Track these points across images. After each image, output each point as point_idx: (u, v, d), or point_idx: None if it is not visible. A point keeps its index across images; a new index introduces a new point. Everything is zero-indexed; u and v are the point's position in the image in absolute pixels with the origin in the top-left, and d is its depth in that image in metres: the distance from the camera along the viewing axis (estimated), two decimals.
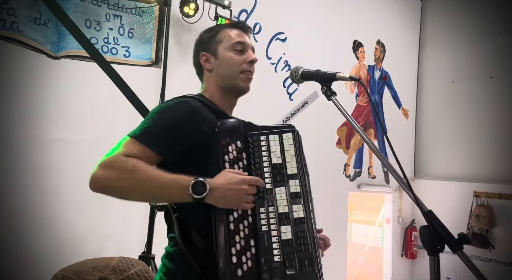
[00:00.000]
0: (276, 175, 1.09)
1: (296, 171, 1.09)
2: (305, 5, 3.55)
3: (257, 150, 1.11)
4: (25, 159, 2.17)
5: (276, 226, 1.03)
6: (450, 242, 0.75)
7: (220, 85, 1.26)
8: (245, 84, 1.25)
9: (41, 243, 2.16)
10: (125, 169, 1.01)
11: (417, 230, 4.31)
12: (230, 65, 1.24)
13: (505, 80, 4.06)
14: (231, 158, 1.07)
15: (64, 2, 2.32)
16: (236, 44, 1.25)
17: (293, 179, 1.09)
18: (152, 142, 1.07)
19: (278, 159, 1.10)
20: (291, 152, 1.11)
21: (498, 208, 3.87)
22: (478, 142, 4.16)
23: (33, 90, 2.21)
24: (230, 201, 1.02)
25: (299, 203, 1.06)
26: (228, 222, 1.01)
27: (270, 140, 1.12)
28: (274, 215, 1.05)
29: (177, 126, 1.09)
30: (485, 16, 4.23)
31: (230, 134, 1.09)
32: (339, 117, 3.84)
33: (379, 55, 4.28)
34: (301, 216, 1.05)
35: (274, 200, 1.06)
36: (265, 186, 1.07)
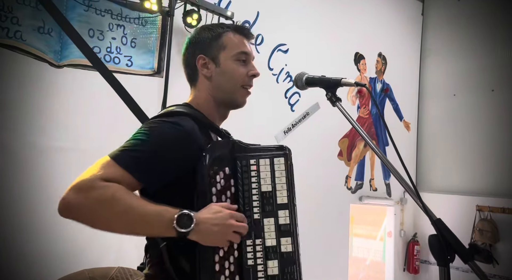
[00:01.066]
0: (265, 204, 1.01)
1: (287, 200, 1.02)
2: (307, 17, 3.57)
3: (246, 176, 1.02)
4: (26, 167, 2.16)
5: (262, 260, 0.97)
6: (461, 251, 0.72)
7: (216, 97, 1.15)
8: (243, 99, 1.18)
9: (40, 252, 2.13)
10: (103, 196, 0.88)
11: (420, 244, 4.26)
12: (232, 77, 1.14)
13: (507, 93, 4.06)
14: (218, 188, 0.98)
15: (68, 12, 2.33)
16: (241, 54, 1.15)
17: (282, 209, 1.01)
18: (135, 168, 0.93)
19: (268, 186, 1.02)
20: (282, 179, 1.03)
21: (501, 222, 3.82)
22: (480, 155, 4.14)
23: (35, 99, 2.21)
24: (215, 237, 0.92)
25: (287, 235, 1.00)
26: (213, 263, 0.93)
27: (261, 164, 1.03)
28: (261, 248, 0.98)
29: (165, 152, 0.97)
30: (486, 29, 4.25)
31: (218, 161, 1.00)
32: (340, 128, 3.83)
33: (381, 68, 4.29)
34: (289, 250, 0.99)
35: (262, 231, 0.99)
36: (253, 216, 1.00)
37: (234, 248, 0.97)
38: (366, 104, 4.09)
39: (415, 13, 4.72)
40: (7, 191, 2.09)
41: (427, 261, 4.26)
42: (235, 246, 0.97)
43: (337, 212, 3.69)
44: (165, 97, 2.47)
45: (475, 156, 4.17)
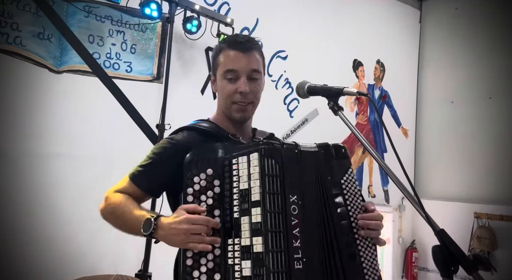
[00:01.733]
0: (242, 202, 0.99)
1: (259, 197, 0.97)
2: (306, 24, 3.59)
3: (227, 175, 1.03)
4: (24, 173, 2.15)
5: (239, 260, 0.96)
6: (464, 263, 0.72)
7: (223, 112, 1.26)
8: (239, 115, 1.22)
9: (38, 259, 2.12)
10: (110, 204, 1.14)
11: (418, 251, 4.25)
12: (223, 95, 1.22)
13: (504, 101, 4.08)
14: (196, 189, 1.01)
15: (68, 18, 2.34)
16: (227, 73, 1.19)
17: (255, 207, 0.97)
18: (139, 179, 1.16)
19: (245, 184, 1.00)
20: (255, 176, 0.99)
21: (499, 229, 3.82)
22: (478, 162, 4.14)
23: (34, 104, 2.21)
24: (174, 240, 0.99)
25: (258, 235, 0.95)
26: (185, 257, 0.97)
27: (240, 162, 1.02)
28: (238, 247, 0.97)
29: (159, 163, 1.16)
30: (483, 38, 4.28)
31: (198, 163, 1.03)
32: (339, 135, 3.83)
33: (379, 75, 4.31)
34: (258, 250, 0.94)
35: (240, 230, 0.98)
36: (233, 215, 1.00)
37: (214, 246, 0.98)
38: (364, 110, 4.10)
39: (413, 21, 4.75)
40: (3, 197, 2.08)
41: (426, 268, 4.25)
42: (216, 244, 0.99)
43: None
44: (165, 103, 2.47)
45: (473, 163, 4.18)
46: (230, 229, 1.00)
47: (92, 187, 2.34)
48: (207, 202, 1.01)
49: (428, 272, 4.23)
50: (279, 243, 0.95)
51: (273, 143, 1.04)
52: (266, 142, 1.03)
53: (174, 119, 2.48)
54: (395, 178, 0.92)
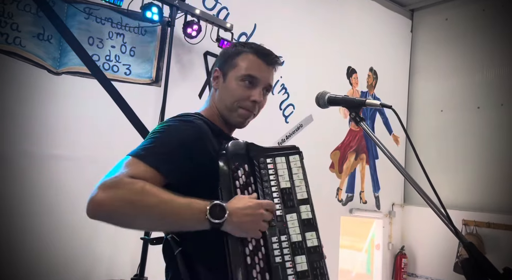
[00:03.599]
0: (286, 200, 1.01)
1: (306, 195, 1.03)
2: (303, 31, 3.63)
3: (264, 173, 1.03)
4: (21, 175, 2.12)
5: (290, 257, 0.95)
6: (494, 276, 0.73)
7: (218, 109, 1.17)
8: (239, 120, 1.15)
9: (33, 263, 2.09)
10: (133, 191, 0.88)
11: (407, 256, 4.31)
12: (231, 95, 1.14)
13: (492, 111, 4.18)
14: (241, 183, 0.99)
15: (68, 19, 2.32)
16: (247, 77, 1.13)
17: (303, 204, 1.02)
18: (157, 161, 0.95)
19: (287, 182, 1.03)
20: (299, 176, 1.05)
21: (486, 236, 3.90)
22: (466, 170, 4.23)
23: (32, 105, 2.18)
24: (248, 227, 0.92)
25: (312, 230, 1.00)
26: (245, 255, 0.92)
27: (277, 162, 1.05)
28: (287, 244, 0.96)
29: (184, 147, 0.99)
30: (473, 48, 4.38)
31: (237, 158, 1.01)
32: (332, 141, 3.88)
33: (372, 82, 4.37)
34: (315, 244, 0.98)
35: (286, 227, 0.98)
36: (276, 212, 0.99)
37: (261, 244, 0.95)
38: None
39: (405, 30, 4.84)
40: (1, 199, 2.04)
41: (414, 274, 4.31)
42: (261, 243, 0.95)
43: (328, 224, 3.71)
44: (164, 106, 2.47)
45: (461, 171, 4.26)
46: (273, 227, 0.98)
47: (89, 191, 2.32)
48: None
49: (416, 278, 4.29)
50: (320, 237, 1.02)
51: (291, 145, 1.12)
52: (296, 146, 1.10)
53: None
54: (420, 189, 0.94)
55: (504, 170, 3.96)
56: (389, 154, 0.95)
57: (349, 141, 4.05)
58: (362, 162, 4.20)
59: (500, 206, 3.93)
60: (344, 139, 4.00)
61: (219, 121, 1.17)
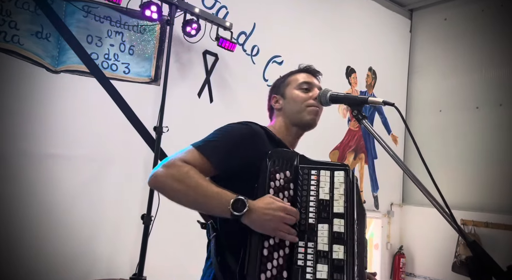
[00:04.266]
0: (321, 211, 1.05)
1: (343, 210, 1.04)
2: (302, 31, 3.62)
3: (305, 183, 1.08)
4: (19, 174, 2.11)
5: (312, 263, 0.99)
6: (498, 274, 0.73)
7: (287, 122, 1.33)
8: (311, 117, 1.31)
9: (31, 262, 2.08)
10: (180, 171, 1.07)
11: (405, 256, 4.31)
12: (296, 101, 1.32)
13: (491, 111, 4.18)
14: (277, 185, 1.06)
15: (67, 17, 2.31)
16: (302, 84, 1.35)
17: (338, 218, 1.04)
18: (210, 152, 1.13)
19: (326, 195, 1.06)
20: (340, 190, 1.07)
21: (484, 236, 3.90)
22: (465, 170, 4.23)
23: (31, 104, 2.17)
24: (265, 226, 1.01)
25: (341, 243, 1.01)
26: (262, 247, 0.98)
27: (321, 174, 1.09)
28: (312, 251, 1.00)
29: (236, 143, 1.15)
30: (471, 48, 4.38)
31: (280, 162, 1.09)
32: (331, 140, 3.88)
33: (371, 82, 4.37)
34: (340, 257, 0.99)
35: (315, 236, 1.02)
36: (308, 220, 1.04)
37: (285, 244, 1.01)
38: None
39: (404, 30, 4.84)
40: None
41: (412, 273, 4.31)
42: (287, 243, 1.01)
43: None
44: (163, 105, 2.46)
45: (459, 171, 4.26)
46: (303, 233, 1.02)
47: (87, 189, 2.32)
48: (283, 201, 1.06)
49: (415, 277, 4.29)
50: (354, 255, 1.02)
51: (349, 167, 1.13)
52: (346, 165, 1.13)
53: (170, 122, 2.47)
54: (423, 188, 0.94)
55: (503, 170, 3.97)
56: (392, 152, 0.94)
57: (348, 140, 4.04)
58: (361, 161, 4.20)
59: (498, 205, 3.93)
60: (343, 139, 4.00)
61: (285, 133, 1.33)
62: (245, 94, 3.14)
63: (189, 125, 2.75)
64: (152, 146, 2.46)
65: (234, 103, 3.08)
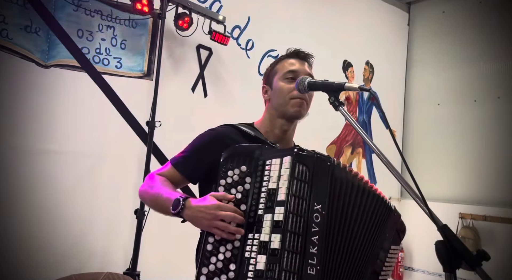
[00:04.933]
0: (268, 201, 1.05)
1: (284, 197, 1.02)
2: (297, 24, 3.59)
3: (258, 174, 1.09)
4: (10, 170, 2.09)
5: (255, 254, 1.01)
6: (468, 258, 0.72)
7: (273, 114, 1.33)
8: (295, 109, 1.29)
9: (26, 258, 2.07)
10: (149, 183, 1.23)
11: (404, 251, 4.30)
12: (280, 93, 1.30)
13: (489, 104, 4.15)
14: (228, 182, 1.09)
15: (57, 11, 2.29)
16: (287, 73, 1.31)
17: (279, 206, 1.02)
18: (180, 165, 1.26)
19: (274, 184, 1.06)
20: (284, 177, 1.05)
21: (483, 230, 3.89)
22: (463, 163, 4.21)
23: (21, 99, 2.15)
24: (200, 222, 1.07)
25: (278, 232, 0.99)
26: (207, 242, 1.05)
27: (273, 164, 1.09)
28: (257, 242, 1.02)
29: (200, 151, 1.26)
30: (470, 42, 4.35)
31: (236, 159, 1.11)
32: (328, 135, 3.86)
33: (368, 76, 4.34)
34: (275, 247, 0.98)
35: (261, 227, 1.03)
36: (258, 212, 1.05)
37: (235, 238, 1.04)
38: (353, 111, 4.12)
39: (402, 24, 4.81)
40: None
41: (411, 267, 4.30)
42: (237, 236, 1.04)
43: None
44: (155, 100, 2.44)
45: (458, 164, 4.24)
46: (252, 225, 1.05)
47: (80, 185, 2.30)
48: (236, 196, 1.09)
49: (413, 271, 4.28)
50: (295, 244, 0.99)
51: (307, 150, 1.09)
52: (301, 148, 1.09)
53: (164, 116, 2.46)
54: (395, 171, 0.93)
55: (501, 163, 3.94)
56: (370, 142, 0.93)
57: (345, 135, 4.02)
58: (359, 156, 4.18)
59: (496, 199, 3.91)
60: (340, 133, 3.97)
61: (270, 125, 1.33)
62: (240, 88, 3.12)
63: (183, 120, 2.74)
64: (145, 141, 2.44)
65: (229, 98, 3.06)
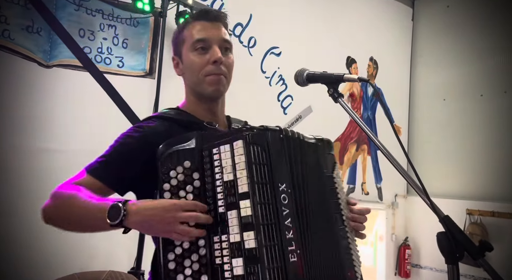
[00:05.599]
0: (228, 195, 0.89)
1: (247, 188, 0.88)
2: (300, 21, 3.57)
3: (208, 167, 0.93)
4: (12, 169, 2.10)
5: (228, 259, 0.86)
6: (470, 249, 0.70)
7: (193, 93, 1.14)
8: (213, 88, 1.09)
9: (28, 257, 2.07)
10: (63, 196, 0.95)
11: (411, 248, 4.26)
12: (192, 69, 1.09)
13: (495, 98, 4.11)
14: (173, 184, 0.91)
15: (58, 11, 2.29)
16: (196, 43, 1.08)
17: (243, 199, 0.88)
18: (100, 171, 1.01)
19: (230, 175, 0.90)
20: (241, 165, 0.89)
21: (491, 226, 3.84)
22: (470, 159, 4.17)
23: (23, 99, 2.16)
24: (154, 228, 0.87)
25: (250, 229, 0.86)
26: (167, 260, 0.87)
27: (222, 152, 0.92)
28: (226, 244, 0.87)
29: (125, 154, 1.02)
30: (475, 36, 4.30)
31: (173, 156, 0.93)
32: (332, 132, 3.83)
33: (372, 72, 4.31)
34: (251, 246, 0.85)
35: (227, 226, 0.88)
36: (218, 210, 0.90)
37: (198, 245, 0.89)
38: (357, 108, 4.10)
39: (406, 19, 4.76)
40: None
41: (418, 265, 4.26)
42: (200, 243, 0.89)
43: None
44: (157, 99, 2.44)
45: (465, 160, 4.20)
46: (215, 225, 0.89)
47: None
48: (187, 198, 0.91)
49: (421, 268, 4.24)
50: (272, 236, 0.87)
51: (256, 128, 0.96)
52: (250, 128, 0.95)
53: None
54: (397, 163, 0.91)
55: (508, 158, 3.89)
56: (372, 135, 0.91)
57: (349, 132, 3.99)
58: (364, 153, 4.15)
59: (504, 194, 3.87)
60: (345, 130, 3.95)
61: (195, 106, 1.13)
62: (242, 86, 3.09)
63: None
64: None
65: (231, 96, 3.03)
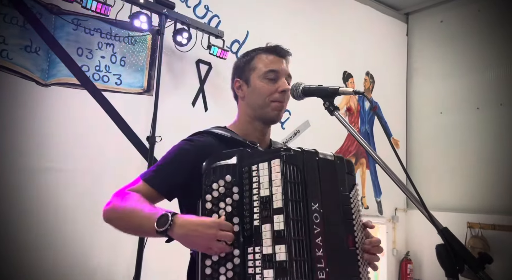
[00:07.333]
0: (263, 210, 0.97)
1: (281, 204, 0.95)
2: (297, 37, 3.61)
3: (247, 182, 1.01)
4: (12, 188, 2.09)
5: (260, 269, 0.93)
6: (470, 261, 0.70)
7: (250, 115, 1.25)
8: (275, 113, 1.23)
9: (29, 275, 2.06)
10: (120, 199, 1.07)
11: (412, 262, 4.22)
12: (260, 94, 1.22)
13: (491, 111, 4.13)
14: (215, 196, 0.99)
15: (56, 31, 2.32)
16: (269, 73, 1.23)
17: (277, 214, 0.95)
18: (153, 180, 1.12)
19: (266, 190, 0.98)
20: (277, 182, 0.97)
21: (492, 239, 3.81)
22: (469, 172, 4.16)
23: (22, 118, 2.17)
24: (195, 243, 0.96)
25: (281, 243, 0.92)
26: (204, 265, 0.95)
27: (260, 169, 1.00)
28: (259, 256, 0.94)
29: (175, 164, 1.14)
30: (469, 50, 4.35)
31: (217, 170, 1.02)
32: (331, 146, 3.83)
33: (369, 86, 4.34)
34: (282, 259, 0.91)
35: (261, 239, 0.95)
36: (254, 223, 0.97)
37: (234, 255, 0.95)
38: (355, 122, 4.11)
39: (400, 34, 4.82)
40: None
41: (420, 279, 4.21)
42: (235, 253, 0.95)
43: None
44: (155, 116, 2.44)
45: (464, 173, 4.19)
46: (250, 237, 0.96)
47: (82, 202, 2.29)
48: (226, 209, 0.99)
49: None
50: (302, 251, 0.93)
51: (293, 149, 1.03)
52: (287, 148, 1.02)
53: (165, 132, 2.45)
54: (395, 177, 0.91)
55: (507, 170, 3.89)
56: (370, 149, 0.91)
57: (347, 145, 4.00)
58: (362, 166, 4.14)
59: (505, 207, 3.84)
60: (343, 144, 3.95)
61: (248, 127, 1.25)
62: None
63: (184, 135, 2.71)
64: (146, 156, 2.43)
65: (230, 111, 3.04)
